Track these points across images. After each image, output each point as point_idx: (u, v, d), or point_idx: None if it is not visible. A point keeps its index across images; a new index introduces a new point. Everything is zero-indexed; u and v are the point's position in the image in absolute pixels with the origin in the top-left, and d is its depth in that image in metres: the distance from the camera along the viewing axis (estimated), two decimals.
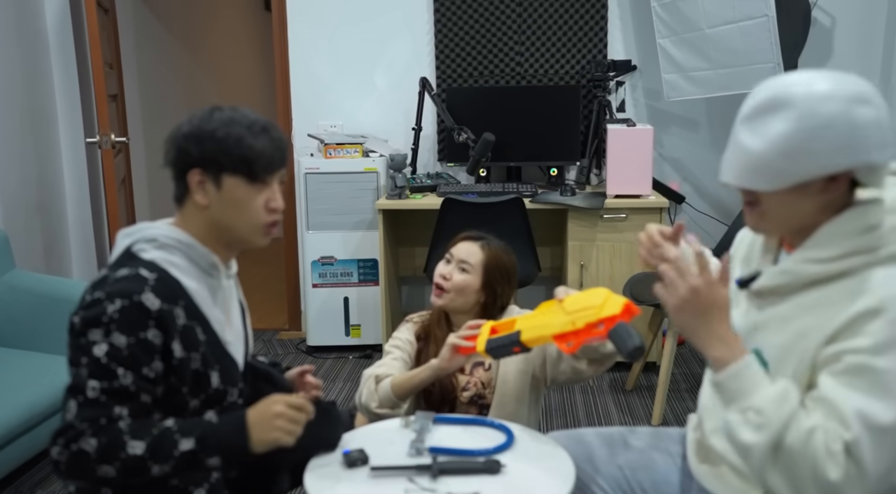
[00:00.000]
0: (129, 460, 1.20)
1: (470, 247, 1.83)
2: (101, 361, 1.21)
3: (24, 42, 3.44)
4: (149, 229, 1.32)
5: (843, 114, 1.07)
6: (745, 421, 1.07)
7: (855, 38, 3.58)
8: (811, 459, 1.02)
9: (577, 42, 3.67)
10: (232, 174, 1.30)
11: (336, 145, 3.53)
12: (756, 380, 1.09)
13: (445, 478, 1.33)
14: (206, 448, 1.23)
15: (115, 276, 1.26)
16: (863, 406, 1.02)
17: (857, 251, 1.08)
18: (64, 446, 1.20)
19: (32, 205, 3.44)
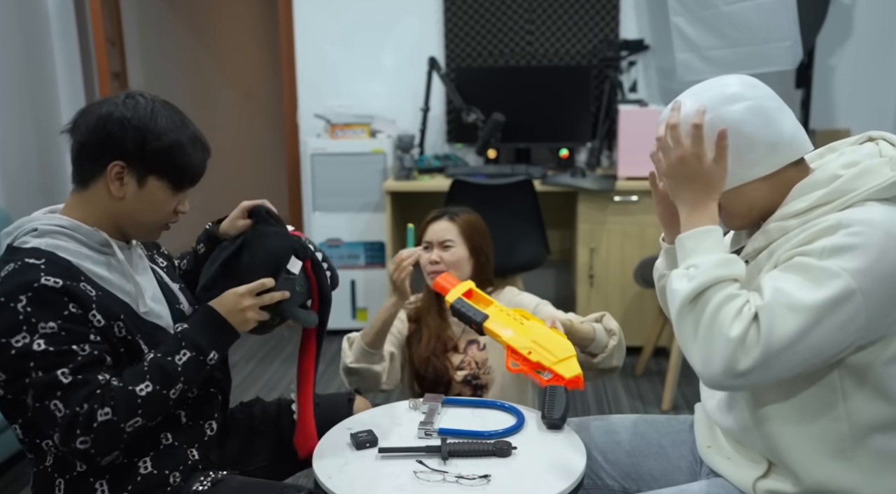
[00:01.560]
0: (146, 401, 1.20)
1: (440, 225, 1.85)
2: (49, 351, 1.16)
3: (25, 18, 3.40)
4: (28, 222, 1.27)
5: (713, 120, 1.16)
6: (685, 274, 1.14)
7: (875, 15, 3.51)
8: (722, 315, 1.08)
9: (589, 21, 3.60)
10: (159, 178, 1.28)
11: (343, 126, 3.48)
12: (711, 245, 1.15)
13: (455, 460, 1.31)
14: (200, 349, 1.27)
15: (2, 276, 1.20)
16: (786, 285, 1.08)
17: (824, 201, 1.14)
18: (84, 432, 1.16)
19: (34, 184, 3.42)
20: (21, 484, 2.38)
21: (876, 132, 1.24)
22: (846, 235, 1.07)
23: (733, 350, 1.06)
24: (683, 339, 1.13)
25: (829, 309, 1.04)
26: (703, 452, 1.35)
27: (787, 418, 1.18)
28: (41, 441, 1.25)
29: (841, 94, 3.60)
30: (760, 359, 1.06)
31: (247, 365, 3.37)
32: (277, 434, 1.55)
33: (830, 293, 1.04)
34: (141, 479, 1.27)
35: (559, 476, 1.26)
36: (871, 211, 1.09)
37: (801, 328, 1.05)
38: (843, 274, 1.04)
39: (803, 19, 2.88)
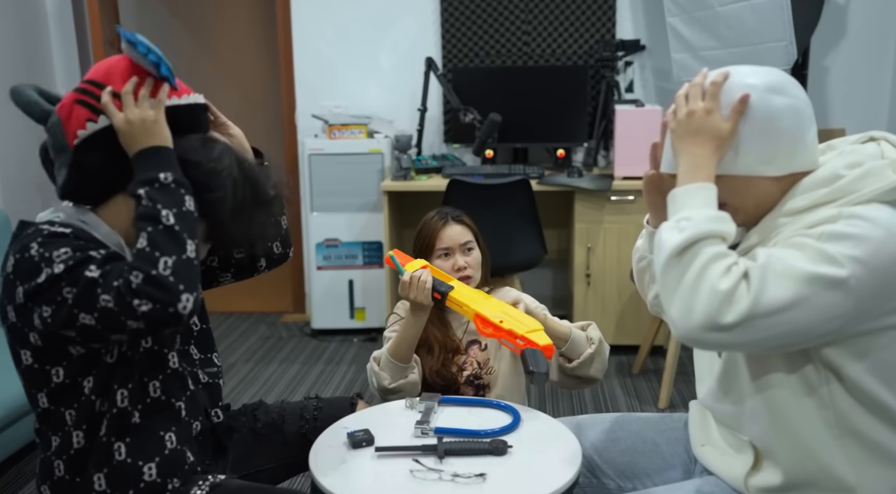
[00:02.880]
0: (153, 242, 1.17)
1: (454, 229, 1.81)
2: (70, 266, 1.17)
3: (23, 19, 3.40)
4: (53, 211, 1.29)
5: (759, 102, 1.15)
6: (676, 226, 1.12)
7: (869, 16, 3.52)
8: (711, 269, 1.07)
9: (585, 21, 3.61)
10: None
11: (340, 126, 3.49)
12: (704, 201, 1.13)
13: (451, 459, 1.32)
14: (147, 181, 1.22)
15: (16, 243, 1.22)
16: (782, 254, 1.07)
17: (825, 200, 1.13)
18: (133, 295, 1.13)
19: (32, 184, 3.42)
20: (20, 484, 2.39)
21: (878, 132, 1.24)
22: (847, 224, 1.07)
23: (720, 301, 1.04)
24: (666, 289, 1.10)
25: (821, 287, 1.04)
26: (697, 450, 1.36)
27: (780, 404, 1.18)
28: (65, 411, 1.26)
29: (835, 95, 3.62)
30: (745, 316, 1.04)
31: (245, 366, 3.37)
32: (281, 438, 1.56)
33: (825, 271, 1.04)
34: (144, 486, 1.28)
35: (555, 474, 1.27)
36: (873, 209, 1.10)
37: (792, 296, 1.04)
38: (840, 259, 1.04)
39: (798, 20, 2.89)
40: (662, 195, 1.28)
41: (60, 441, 1.27)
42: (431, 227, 1.81)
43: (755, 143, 1.15)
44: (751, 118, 1.15)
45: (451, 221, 1.81)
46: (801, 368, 1.15)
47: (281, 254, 1.59)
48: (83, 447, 1.27)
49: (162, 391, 1.32)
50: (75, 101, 1.26)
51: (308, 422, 1.58)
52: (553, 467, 1.30)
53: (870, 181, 1.12)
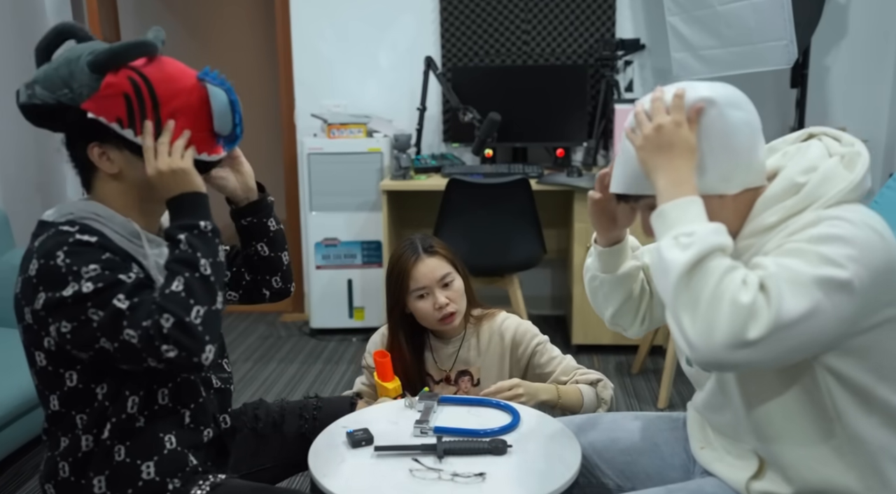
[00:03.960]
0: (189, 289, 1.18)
1: (427, 264, 1.67)
2: (99, 288, 1.17)
3: (22, 19, 3.39)
4: (65, 208, 1.28)
5: (719, 117, 1.13)
6: (676, 243, 1.07)
7: (870, 15, 3.52)
8: (727, 282, 1.02)
9: (585, 20, 3.61)
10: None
11: (340, 125, 3.48)
12: (697, 214, 1.09)
13: (451, 459, 1.31)
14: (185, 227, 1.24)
15: (38, 243, 1.22)
16: (786, 261, 1.05)
17: (794, 211, 1.13)
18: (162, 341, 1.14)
19: (32, 184, 3.42)
20: (20, 483, 2.38)
21: (817, 128, 1.24)
22: (830, 226, 1.06)
23: (744, 316, 0.99)
24: (679, 311, 1.04)
25: (830, 290, 1.02)
26: (697, 452, 1.36)
27: (777, 416, 1.17)
28: (76, 414, 1.26)
29: (836, 94, 3.61)
30: (770, 329, 0.99)
31: (244, 365, 3.37)
32: (280, 438, 1.56)
33: (831, 274, 1.02)
34: (143, 484, 1.28)
35: (554, 473, 1.27)
36: (844, 210, 1.10)
37: (809, 304, 1.01)
38: (837, 258, 1.03)
39: (798, 19, 2.89)
40: (608, 216, 1.32)
41: (69, 444, 1.27)
42: (403, 265, 1.67)
43: (718, 160, 1.13)
44: (712, 135, 1.13)
45: (422, 256, 1.67)
46: (799, 379, 1.14)
47: (281, 289, 1.58)
48: (90, 450, 1.27)
49: (170, 398, 1.32)
50: (124, 94, 1.23)
51: (307, 422, 1.58)
52: (553, 466, 1.29)
53: (830, 184, 1.12)
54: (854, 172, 1.13)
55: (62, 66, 1.25)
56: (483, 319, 1.75)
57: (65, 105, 1.24)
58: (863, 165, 1.14)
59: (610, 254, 1.37)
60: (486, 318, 1.75)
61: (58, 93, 1.24)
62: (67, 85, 1.23)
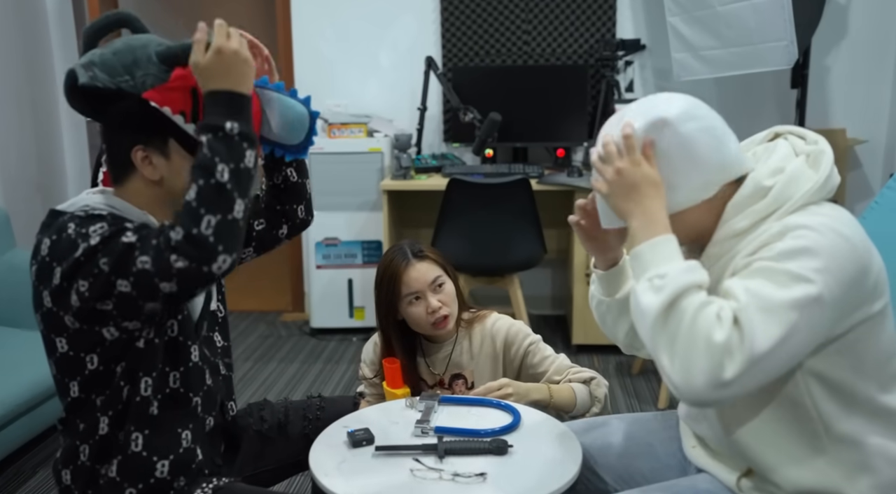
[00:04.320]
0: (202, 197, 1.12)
1: (418, 268, 1.66)
2: (105, 237, 1.15)
3: (23, 17, 3.40)
4: (80, 201, 1.27)
5: (674, 137, 1.14)
6: (650, 286, 1.09)
7: (870, 15, 3.52)
8: (701, 322, 1.03)
9: (586, 21, 3.61)
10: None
11: (340, 125, 3.49)
12: (670, 254, 1.11)
13: (451, 459, 1.31)
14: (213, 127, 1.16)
15: (51, 229, 1.21)
16: (756, 286, 1.05)
17: (764, 215, 1.14)
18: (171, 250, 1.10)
19: (33, 183, 3.42)
20: (47, 464, 2.38)
21: (783, 127, 1.25)
22: (795, 238, 1.07)
23: (719, 356, 1.01)
24: (659, 354, 1.06)
25: (802, 309, 1.03)
26: (689, 451, 1.36)
27: (757, 426, 1.18)
28: (95, 397, 1.26)
29: (836, 94, 3.62)
30: (745, 365, 1.01)
31: (244, 364, 3.37)
32: (285, 439, 1.56)
33: (799, 294, 1.03)
34: (154, 482, 1.28)
35: (555, 473, 1.27)
36: (810, 215, 1.10)
37: (783, 330, 1.02)
38: (804, 273, 1.04)
39: (799, 19, 2.89)
40: (600, 240, 1.31)
41: (89, 428, 1.27)
42: (394, 271, 1.66)
43: (685, 175, 1.14)
44: (672, 154, 1.14)
45: (413, 260, 1.65)
46: (781, 386, 1.15)
47: (305, 220, 1.54)
48: (107, 434, 1.27)
49: (181, 383, 1.32)
50: (192, 88, 1.22)
51: (311, 422, 1.58)
52: (553, 466, 1.29)
53: (797, 185, 1.13)
54: (819, 171, 1.15)
55: (124, 53, 1.22)
56: (474, 322, 1.74)
57: (123, 91, 1.22)
58: (827, 163, 1.16)
59: (610, 277, 1.37)
60: (476, 320, 1.74)
61: (118, 78, 1.21)
62: (129, 72, 1.21)
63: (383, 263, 1.70)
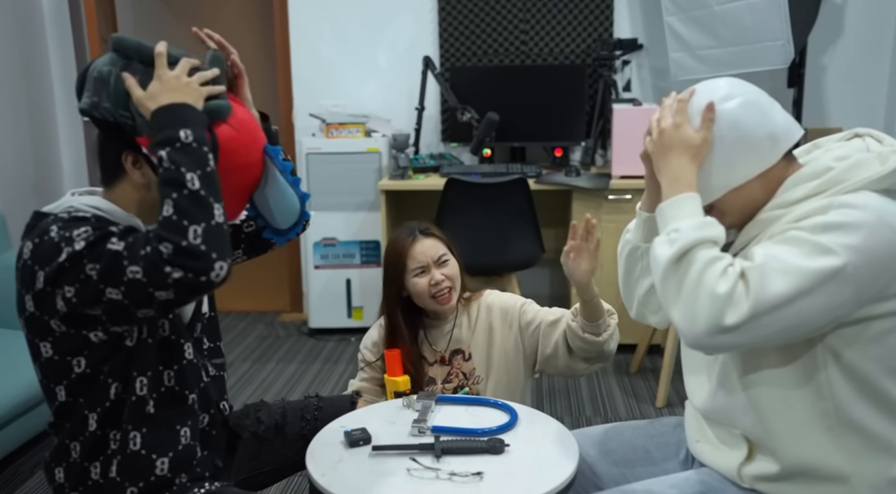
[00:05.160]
0: (179, 209, 1.12)
1: (424, 244, 1.73)
2: (91, 242, 1.14)
3: (19, 16, 3.39)
4: (65, 202, 1.27)
5: (718, 118, 1.19)
6: (666, 239, 1.16)
7: (866, 15, 3.53)
8: (708, 274, 1.09)
9: (583, 20, 3.61)
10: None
11: (338, 125, 3.49)
12: (690, 211, 1.16)
13: (448, 458, 1.32)
14: (170, 139, 1.16)
15: (34, 232, 1.20)
16: (779, 252, 1.09)
17: (817, 191, 1.16)
18: (165, 263, 1.10)
19: (29, 183, 3.41)
20: (17, 483, 2.38)
21: (863, 129, 1.27)
22: (838, 214, 1.09)
23: (721, 304, 1.07)
24: (667, 300, 1.14)
25: (821, 279, 1.06)
26: (693, 446, 1.37)
27: (774, 391, 1.19)
28: (84, 400, 1.25)
29: (832, 94, 3.62)
30: (748, 315, 1.06)
31: (242, 365, 3.37)
32: (282, 440, 1.56)
33: (823, 265, 1.06)
34: (154, 480, 1.28)
35: (552, 473, 1.27)
36: (862, 196, 1.12)
37: (792, 290, 1.06)
38: (835, 248, 1.06)
39: (795, 19, 2.89)
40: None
41: (79, 428, 1.26)
42: (401, 246, 1.73)
43: (740, 153, 1.18)
44: (723, 135, 1.18)
45: (419, 236, 1.73)
46: (799, 356, 1.16)
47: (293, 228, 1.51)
48: (97, 432, 1.26)
49: (176, 381, 1.31)
50: None
51: (309, 423, 1.58)
52: (550, 465, 1.30)
53: (858, 171, 1.15)
54: (885, 165, 1.15)
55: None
56: (472, 299, 1.82)
57: (120, 126, 1.23)
58: (895, 161, 1.16)
59: (652, 221, 1.38)
60: (473, 298, 1.82)
61: (120, 112, 1.23)
62: (132, 113, 1.23)
63: (391, 240, 1.78)
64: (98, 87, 1.23)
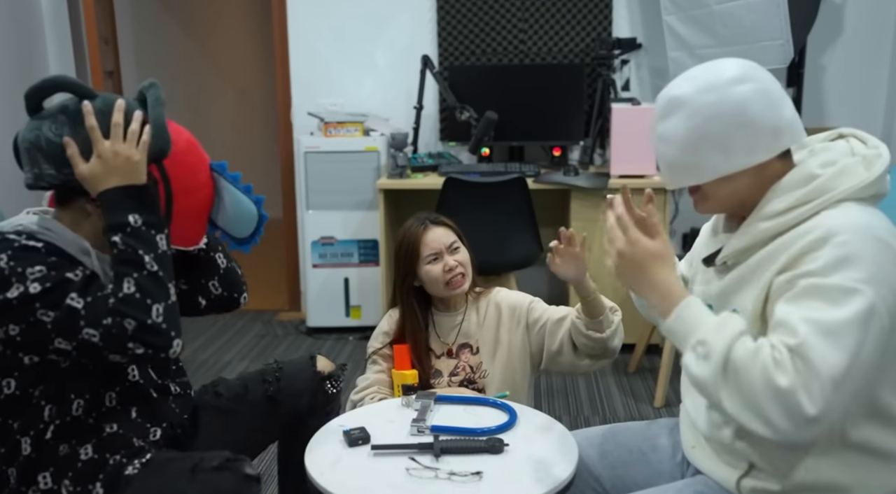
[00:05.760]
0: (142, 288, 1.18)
1: (437, 232, 1.76)
2: (47, 288, 1.16)
3: (18, 16, 3.39)
4: (15, 220, 1.28)
5: (724, 98, 1.15)
6: (696, 357, 1.10)
7: (866, 14, 3.53)
8: (760, 371, 1.03)
9: (582, 19, 3.61)
10: None
11: (336, 124, 3.48)
12: (698, 316, 1.12)
13: (448, 457, 1.31)
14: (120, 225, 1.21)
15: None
16: (810, 313, 1.04)
17: (804, 200, 1.13)
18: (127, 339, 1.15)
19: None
20: None
21: (847, 129, 1.25)
22: (836, 246, 1.06)
23: (792, 398, 1.00)
24: (739, 417, 1.05)
25: (861, 323, 1.02)
26: (688, 452, 1.36)
27: None
28: (13, 422, 1.24)
29: (831, 93, 3.62)
30: (825, 395, 0.99)
31: (240, 364, 3.37)
32: (248, 407, 1.56)
33: (857, 308, 1.02)
34: (81, 465, 1.26)
35: (551, 472, 1.27)
36: (849, 213, 1.10)
37: (850, 350, 1.01)
38: (854, 285, 1.03)
39: (794, 18, 2.89)
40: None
41: (8, 450, 1.25)
42: (413, 235, 1.76)
43: (737, 137, 1.15)
44: (723, 116, 1.15)
45: (431, 225, 1.77)
46: None
47: (221, 296, 1.53)
48: (30, 455, 1.25)
49: (118, 401, 1.32)
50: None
51: (272, 384, 1.58)
52: (549, 465, 1.29)
53: (844, 179, 1.13)
54: (870, 172, 1.14)
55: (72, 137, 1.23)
56: (481, 295, 1.85)
57: (70, 184, 1.24)
58: (881, 166, 1.15)
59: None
60: (483, 294, 1.85)
61: (66, 171, 1.24)
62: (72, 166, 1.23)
63: (403, 230, 1.81)
64: (33, 158, 1.25)
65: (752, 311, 1.15)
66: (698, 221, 2.45)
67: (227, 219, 1.42)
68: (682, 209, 3.65)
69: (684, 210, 3.65)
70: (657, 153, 1.24)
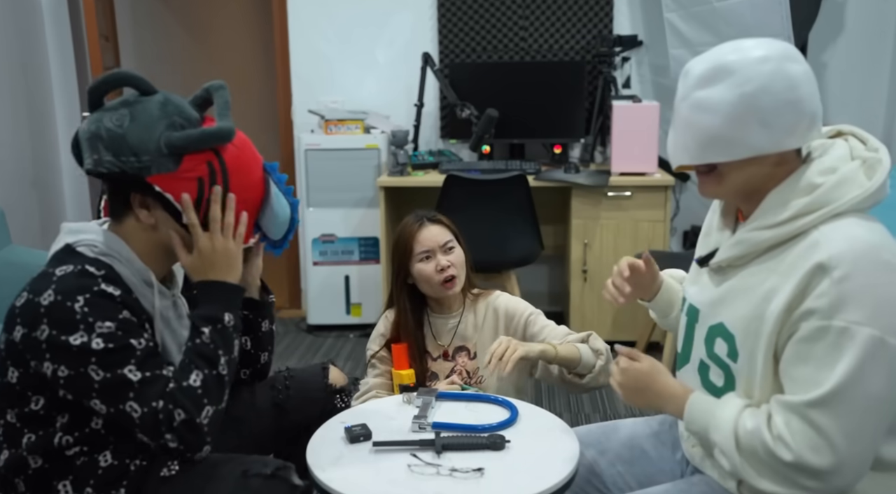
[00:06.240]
0: (205, 387, 1.21)
1: (432, 230, 1.75)
2: (109, 349, 1.17)
3: (18, 13, 3.38)
4: (90, 233, 1.27)
5: (779, 71, 1.11)
6: (720, 454, 1.18)
7: (867, 12, 3.52)
8: (765, 453, 1.10)
9: (583, 17, 3.60)
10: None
11: (337, 121, 3.48)
12: (706, 410, 1.20)
13: (449, 454, 1.32)
14: (212, 318, 1.26)
15: (59, 273, 1.20)
16: (811, 374, 1.07)
17: (805, 211, 1.12)
18: (168, 430, 1.17)
19: (28, 179, 3.41)
20: None
21: (846, 126, 1.23)
22: (837, 283, 1.05)
23: (805, 464, 1.06)
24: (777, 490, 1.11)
25: (868, 362, 1.04)
26: (688, 450, 1.36)
27: None
28: (27, 432, 1.24)
29: (832, 91, 3.62)
30: (833, 448, 1.05)
31: None
32: (255, 413, 1.56)
33: (858, 352, 1.04)
34: (102, 472, 1.26)
35: (552, 469, 1.27)
36: (850, 233, 1.09)
37: (855, 403, 1.05)
38: (857, 327, 1.04)
39: (796, 16, 2.89)
40: (638, 287, 1.48)
41: (11, 457, 1.25)
42: (408, 231, 1.75)
43: (783, 114, 1.11)
44: (775, 88, 1.10)
45: (427, 223, 1.75)
46: None
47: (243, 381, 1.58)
48: (42, 465, 1.25)
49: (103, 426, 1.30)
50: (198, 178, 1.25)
51: (280, 392, 1.58)
52: (551, 462, 1.30)
53: (845, 189, 1.12)
54: (872, 180, 1.12)
55: (133, 134, 1.23)
56: (480, 297, 1.82)
57: (127, 173, 1.23)
58: (882, 173, 1.13)
59: (658, 303, 1.48)
60: (482, 296, 1.82)
61: (123, 158, 1.23)
62: (135, 154, 1.23)
63: (399, 227, 1.79)
64: (94, 145, 1.24)
65: (742, 330, 1.17)
66: (698, 219, 2.45)
67: (267, 221, 1.41)
68: (683, 206, 3.65)
69: (685, 207, 3.65)
70: (685, 123, 1.17)
